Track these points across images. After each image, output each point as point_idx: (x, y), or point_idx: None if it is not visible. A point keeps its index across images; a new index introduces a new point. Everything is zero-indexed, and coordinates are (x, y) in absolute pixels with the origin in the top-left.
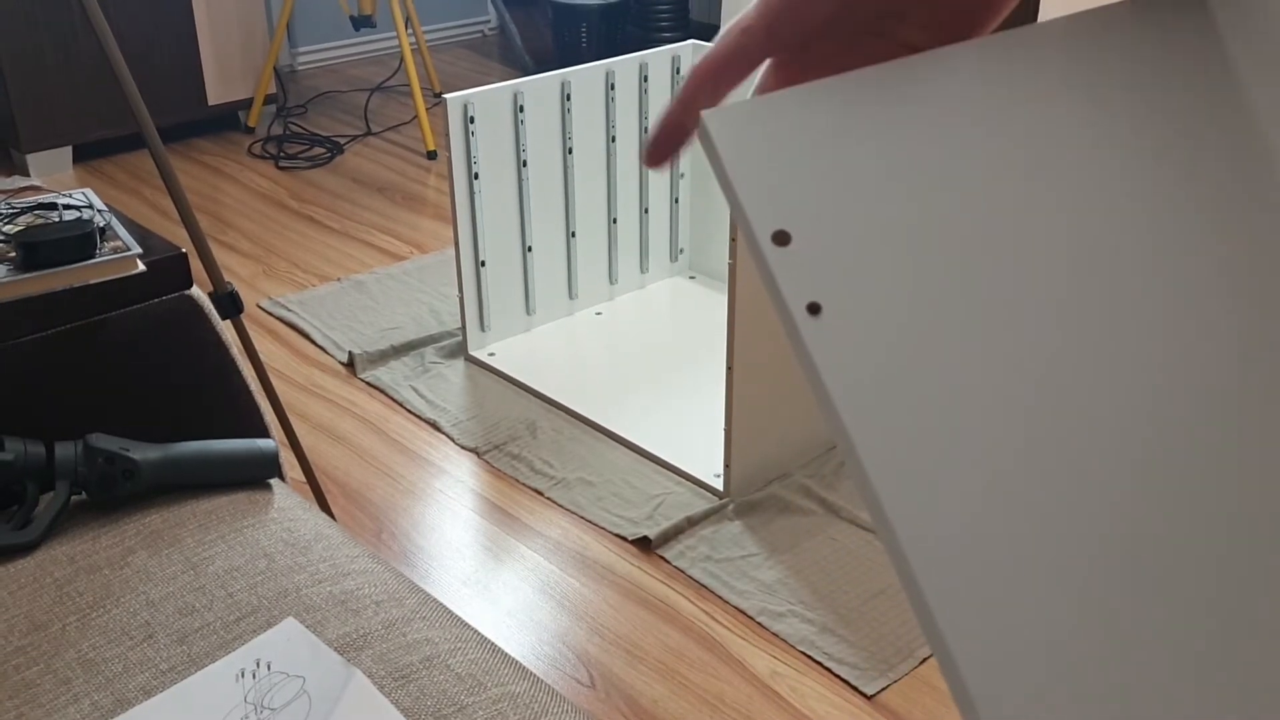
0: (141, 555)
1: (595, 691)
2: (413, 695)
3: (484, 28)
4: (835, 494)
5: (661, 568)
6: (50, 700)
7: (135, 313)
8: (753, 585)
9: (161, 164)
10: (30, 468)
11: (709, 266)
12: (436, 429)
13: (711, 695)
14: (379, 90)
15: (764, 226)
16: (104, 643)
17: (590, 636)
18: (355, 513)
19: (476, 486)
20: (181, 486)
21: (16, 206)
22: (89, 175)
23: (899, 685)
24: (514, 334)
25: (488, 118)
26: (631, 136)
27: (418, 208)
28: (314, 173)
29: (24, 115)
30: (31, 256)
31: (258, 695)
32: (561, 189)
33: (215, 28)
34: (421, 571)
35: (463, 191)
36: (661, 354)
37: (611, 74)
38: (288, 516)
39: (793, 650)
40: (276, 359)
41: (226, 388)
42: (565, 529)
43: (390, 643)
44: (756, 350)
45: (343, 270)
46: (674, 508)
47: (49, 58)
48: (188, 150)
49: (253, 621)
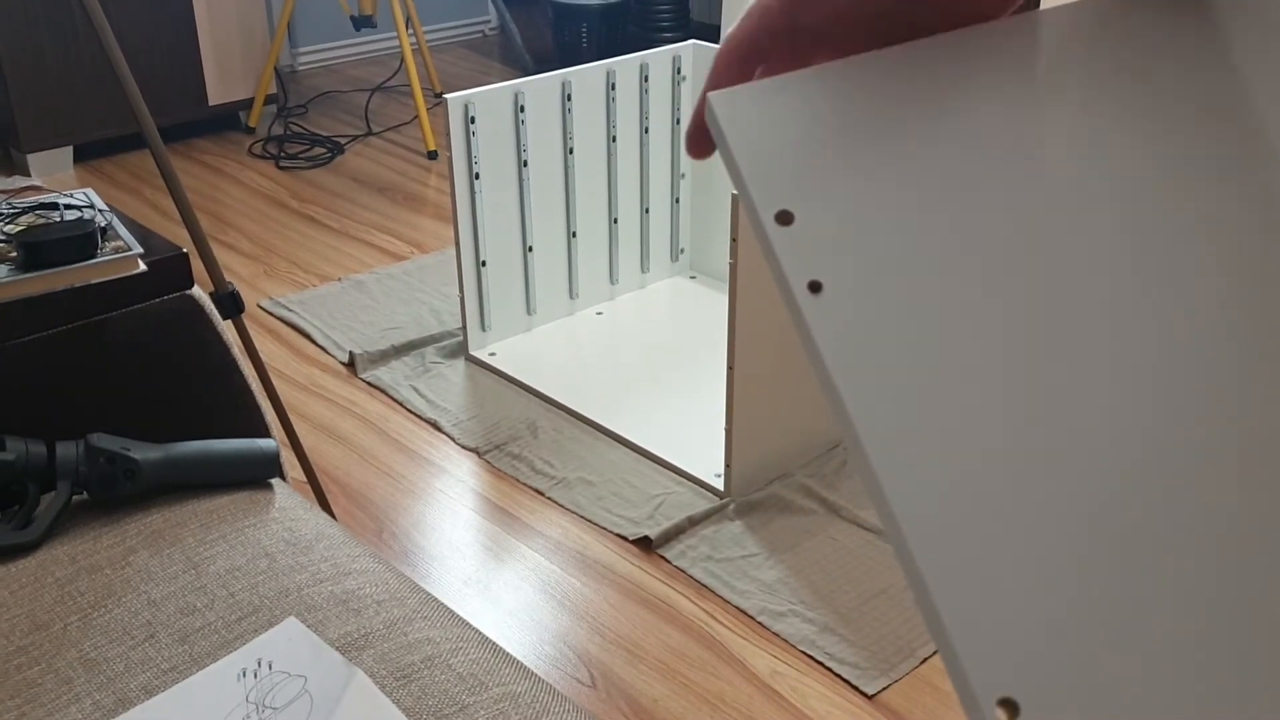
0: (143, 555)
1: (596, 691)
2: (414, 695)
3: (484, 28)
4: (836, 494)
5: (662, 567)
6: (52, 700)
7: (136, 313)
8: (753, 585)
9: (162, 164)
10: (31, 467)
11: (709, 266)
12: (437, 429)
13: (712, 695)
14: (379, 90)
15: (767, 206)
16: (105, 642)
17: (591, 636)
18: (356, 512)
19: (477, 486)
20: (182, 486)
21: (17, 206)
22: (90, 175)
23: (900, 685)
24: (514, 334)
25: (488, 118)
26: (632, 137)
27: (418, 208)
28: (315, 173)
29: (24, 115)
30: (32, 256)
31: (259, 695)
32: (562, 189)
33: (216, 28)
34: (422, 571)
35: (463, 191)
36: (662, 354)
37: (612, 74)
38: (289, 516)
39: (793, 650)
40: (277, 359)
41: (227, 387)
42: (566, 529)
43: (391, 642)
44: (757, 350)
45: (343, 270)
46: (675, 507)
47: (49, 58)
48: (188, 150)
49: (254, 621)
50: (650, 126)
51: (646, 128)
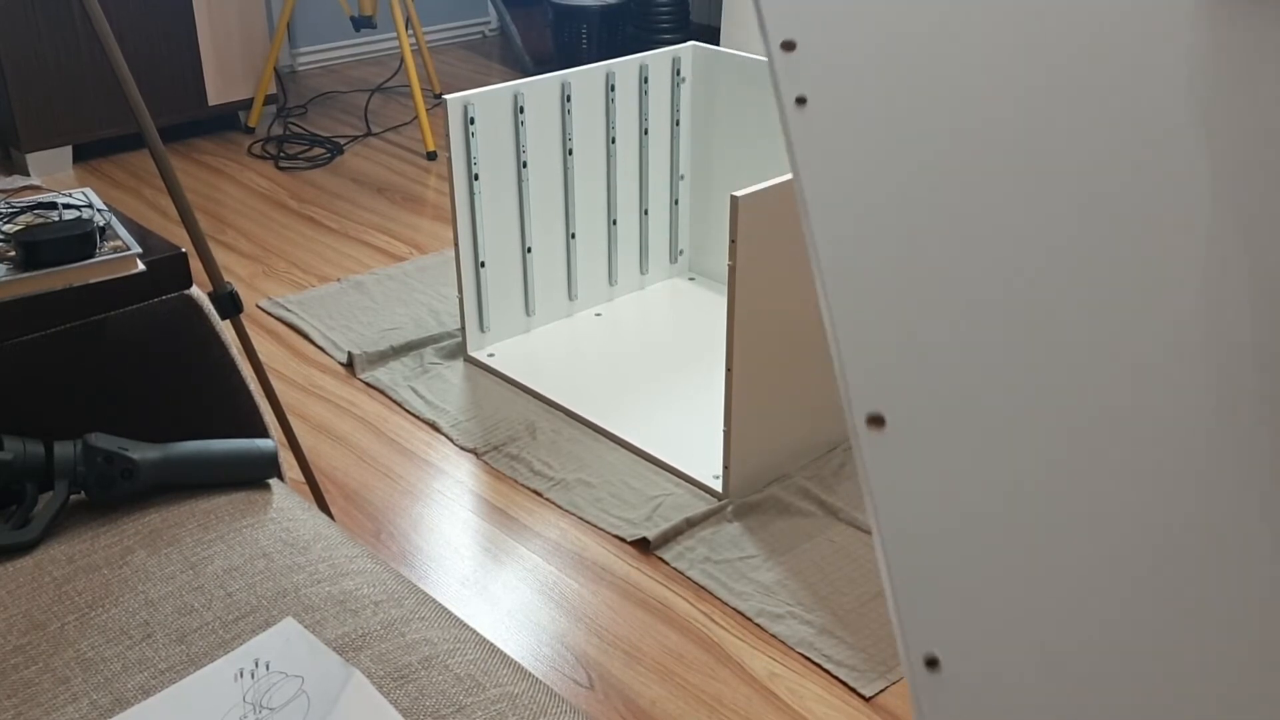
0: (140, 555)
1: (594, 692)
2: (411, 695)
3: (484, 28)
4: (834, 496)
5: (660, 569)
6: (49, 699)
7: (135, 312)
8: (751, 587)
9: (161, 164)
10: (29, 467)
11: (709, 267)
12: (436, 430)
13: (710, 696)
14: (379, 91)
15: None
16: (103, 642)
17: (589, 637)
18: (354, 513)
19: (475, 487)
20: (180, 486)
21: (16, 206)
22: (89, 175)
23: (898, 687)
24: (513, 335)
25: (488, 118)
26: (631, 138)
27: (417, 208)
28: (314, 173)
29: (24, 115)
30: (31, 256)
31: (256, 695)
32: (561, 190)
33: (215, 28)
34: (420, 572)
35: (462, 192)
36: (661, 355)
37: (611, 75)
38: (286, 516)
39: (791, 652)
40: (276, 359)
41: (226, 388)
42: (564, 530)
43: (389, 643)
44: (756, 351)
45: (342, 270)
46: (673, 509)
47: (49, 58)
48: (188, 150)
49: (251, 621)
50: (650, 128)
51: (646, 129)
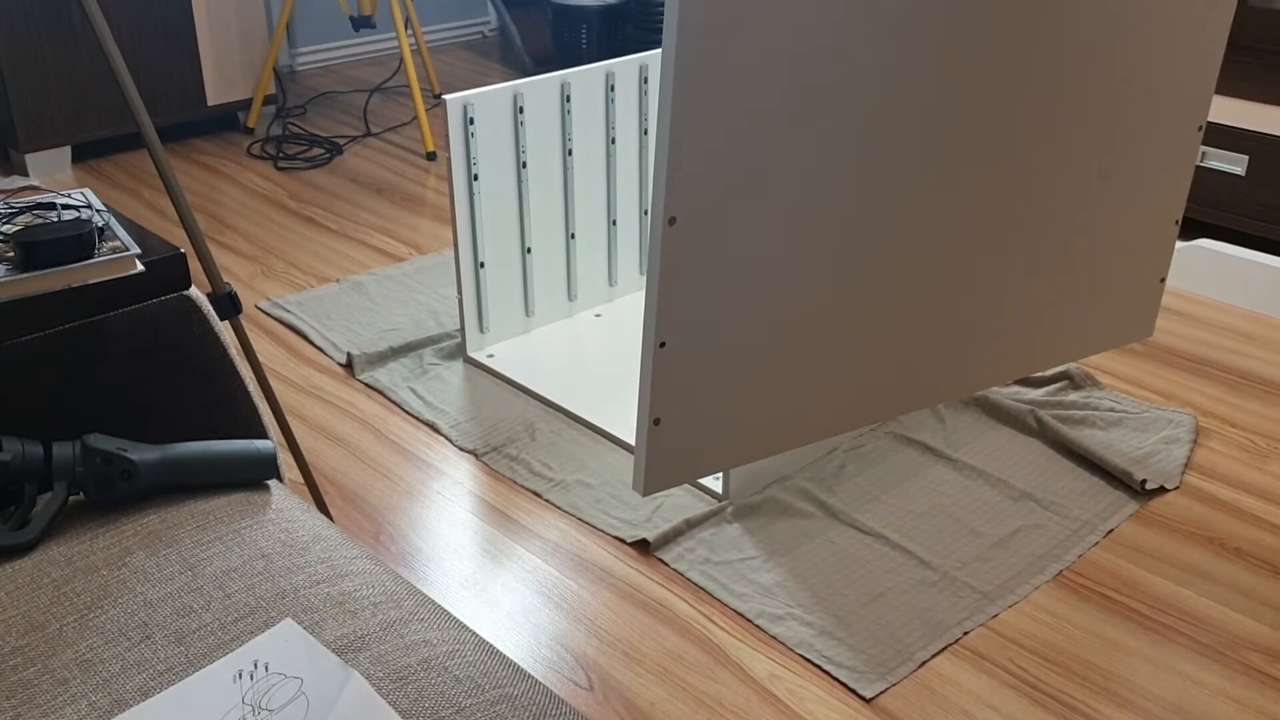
0: (139, 556)
1: (593, 694)
2: (411, 697)
3: (484, 29)
4: (834, 497)
5: (660, 570)
6: (48, 700)
7: (134, 313)
8: (751, 588)
9: (160, 164)
10: (28, 468)
11: None
12: (435, 430)
13: (710, 698)
14: (378, 91)
15: None
16: (101, 643)
17: (588, 639)
18: (353, 514)
19: (475, 488)
20: (179, 487)
21: (15, 206)
22: (88, 175)
23: (897, 688)
24: (513, 335)
25: (487, 119)
26: (631, 138)
27: (417, 209)
28: (313, 173)
29: (23, 115)
30: (30, 256)
31: (255, 696)
32: (561, 190)
33: (215, 28)
34: (419, 573)
35: (462, 193)
36: None
37: (611, 75)
38: (285, 517)
39: (791, 653)
40: (275, 360)
41: (224, 388)
42: (564, 531)
43: (388, 644)
44: None
45: (341, 271)
46: (672, 510)
47: (48, 58)
48: (187, 150)
49: (250, 622)
50: (649, 128)
51: (645, 129)
